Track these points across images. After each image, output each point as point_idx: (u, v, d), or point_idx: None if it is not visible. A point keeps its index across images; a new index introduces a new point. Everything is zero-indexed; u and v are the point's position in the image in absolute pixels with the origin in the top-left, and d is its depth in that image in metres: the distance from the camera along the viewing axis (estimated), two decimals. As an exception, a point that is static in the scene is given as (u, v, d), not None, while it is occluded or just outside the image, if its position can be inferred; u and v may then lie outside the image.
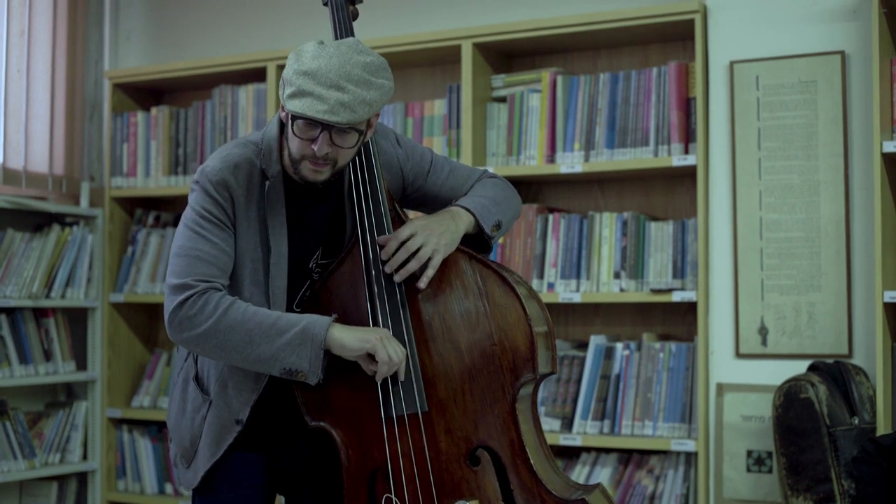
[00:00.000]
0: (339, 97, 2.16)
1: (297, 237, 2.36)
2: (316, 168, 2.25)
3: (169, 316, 2.27)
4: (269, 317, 2.24)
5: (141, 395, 4.68)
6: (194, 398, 2.41)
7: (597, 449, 3.84)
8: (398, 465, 2.27)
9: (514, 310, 2.27)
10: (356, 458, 2.30)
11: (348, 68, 2.18)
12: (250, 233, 2.32)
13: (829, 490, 3.20)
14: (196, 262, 2.26)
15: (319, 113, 2.16)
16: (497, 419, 2.25)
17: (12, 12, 4.53)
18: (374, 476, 2.30)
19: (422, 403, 2.28)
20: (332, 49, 2.20)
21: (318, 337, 2.20)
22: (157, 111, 4.65)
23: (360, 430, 2.30)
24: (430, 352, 2.29)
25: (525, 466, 2.24)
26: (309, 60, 2.18)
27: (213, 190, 2.29)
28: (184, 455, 2.44)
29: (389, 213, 2.37)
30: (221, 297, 2.25)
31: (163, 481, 4.59)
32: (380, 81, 2.22)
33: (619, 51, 4.02)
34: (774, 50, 3.54)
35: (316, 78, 2.16)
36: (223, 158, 2.33)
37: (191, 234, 2.29)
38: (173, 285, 2.26)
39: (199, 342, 2.25)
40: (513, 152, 3.94)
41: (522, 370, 2.25)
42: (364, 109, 2.19)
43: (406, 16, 4.42)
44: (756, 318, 3.52)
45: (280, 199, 2.33)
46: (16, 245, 4.36)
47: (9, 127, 4.52)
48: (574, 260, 3.84)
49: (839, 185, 3.44)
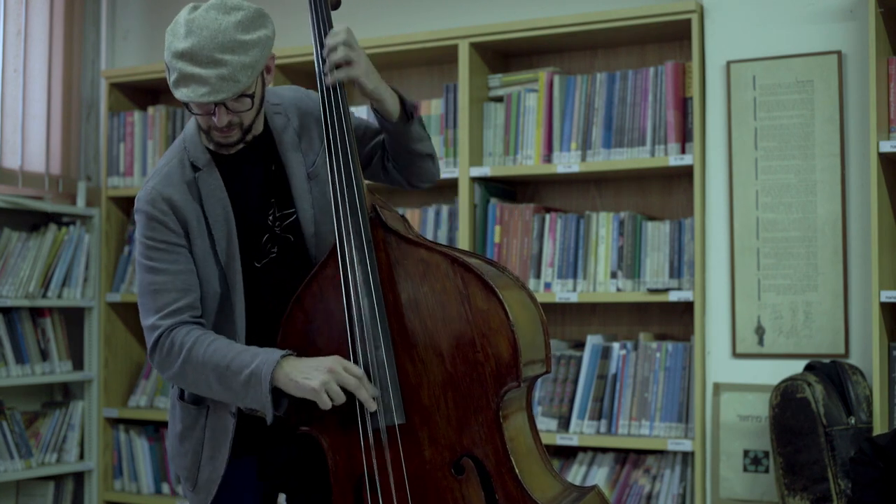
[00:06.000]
0: (219, 72, 2.18)
1: (244, 204, 2.38)
2: (224, 135, 2.30)
3: (150, 357, 2.35)
4: (224, 357, 2.25)
5: (138, 394, 4.68)
6: (185, 416, 2.43)
7: (593, 449, 3.84)
8: (384, 476, 2.24)
9: (497, 315, 2.18)
10: (343, 464, 2.28)
11: (220, 38, 2.19)
12: (201, 228, 2.35)
13: (825, 490, 3.20)
14: (154, 296, 2.32)
15: (204, 96, 2.19)
16: (481, 427, 2.19)
17: (9, 12, 4.53)
18: (360, 482, 2.27)
19: (399, 416, 2.23)
20: (201, 18, 2.20)
21: (265, 379, 2.20)
22: (154, 111, 4.65)
23: (345, 437, 2.27)
24: (412, 359, 2.24)
25: (510, 475, 2.18)
26: (182, 39, 2.20)
27: (152, 208, 2.32)
28: (188, 478, 2.44)
29: (368, 220, 2.31)
30: (186, 334, 2.28)
31: (159, 481, 4.59)
32: (256, 36, 2.23)
33: (616, 51, 4.02)
34: (771, 50, 3.54)
35: (192, 58, 2.18)
36: (153, 175, 2.38)
37: (143, 270, 2.34)
38: (145, 327, 2.34)
39: (179, 380, 2.34)
40: (510, 152, 3.94)
41: (506, 378, 2.17)
42: (247, 73, 2.20)
43: (403, 15, 4.42)
44: (753, 317, 3.52)
45: (217, 184, 2.36)
46: (12, 244, 4.36)
47: (6, 126, 4.51)
48: (571, 259, 3.84)
49: (836, 184, 3.44)
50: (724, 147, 3.58)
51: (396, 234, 2.29)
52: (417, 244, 2.27)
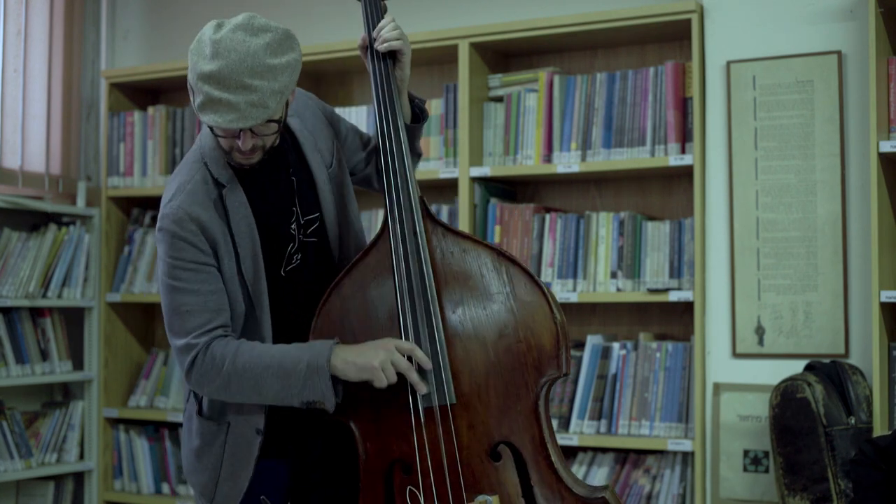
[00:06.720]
0: (248, 98, 2.12)
1: (268, 217, 2.35)
2: (247, 157, 2.26)
3: (186, 377, 2.31)
4: (274, 357, 2.24)
5: (138, 394, 4.68)
6: (204, 433, 2.41)
7: (593, 449, 3.84)
8: (424, 457, 2.27)
9: (541, 307, 2.27)
10: (374, 451, 2.31)
11: (249, 61, 2.12)
12: (228, 247, 2.31)
13: (825, 490, 3.20)
14: (187, 317, 2.28)
15: (232, 122, 2.13)
16: (520, 416, 2.26)
17: (9, 12, 4.53)
18: (391, 469, 2.30)
19: (450, 396, 2.26)
20: (228, 40, 2.13)
21: (322, 370, 2.21)
22: (154, 111, 4.65)
23: (380, 421, 2.31)
24: (455, 346, 2.29)
25: (546, 463, 2.25)
26: (208, 60, 2.13)
27: (180, 229, 2.26)
28: (204, 494, 2.43)
29: (420, 210, 2.34)
30: (224, 346, 2.26)
31: (159, 481, 4.58)
32: (285, 60, 2.17)
33: (616, 51, 4.02)
34: (771, 50, 3.54)
35: (220, 82, 2.11)
36: (176, 192, 2.31)
37: (171, 292, 2.29)
38: (178, 347, 2.29)
39: (221, 392, 2.30)
40: (510, 152, 3.94)
41: (547, 368, 2.25)
42: (276, 99, 2.15)
43: (403, 15, 4.40)
44: (753, 317, 3.52)
45: (242, 200, 2.32)
46: (12, 245, 4.36)
47: (6, 126, 4.51)
48: (571, 259, 3.84)
49: (836, 184, 3.44)
50: (724, 147, 3.58)
51: (443, 225, 2.35)
52: (463, 236, 2.35)
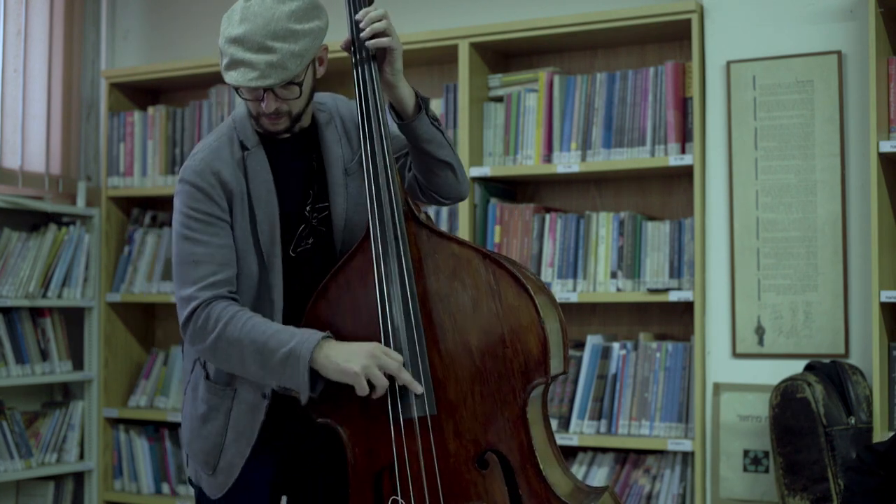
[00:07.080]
0: (268, 59, 2.22)
1: (286, 191, 2.40)
2: (273, 121, 2.34)
3: (182, 328, 2.34)
4: (263, 334, 2.25)
5: (138, 394, 4.68)
6: (211, 397, 2.41)
7: (593, 449, 3.84)
8: (405, 467, 2.24)
9: (528, 312, 2.21)
10: (363, 457, 2.28)
11: (272, 26, 2.23)
12: (244, 206, 2.36)
13: (825, 489, 3.20)
14: (193, 267, 2.31)
15: (252, 81, 2.23)
16: (507, 423, 2.21)
17: (9, 12, 4.53)
18: (380, 476, 2.27)
19: (430, 407, 2.24)
20: (257, 6, 2.25)
21: (303, 359, 2.21)
22: (154, 111, 4.65)
23: (367, 429, 2.28)
24: (440, 352, 2.25)
25: (534, 471, 2.20)
26: (236, 25, 2.25)
27: (200, 179, 2.33)
28: (206, 462, 2.42)
29: (403, 211, 2.32)
30: (223, 309, 2.28)
31: (159, 481, 4.58)
32: (309, 27, 2.26)
33: (616, 51, 4.02)
34: (771, 50, 3.54)
35: (244, 43, 2.23)
36: (202, 149, 2.40)
37: (182, 241, 2.34)
38: (181, 297, 2.33)
39: (208, 354, 2.33)
40: (509, 152, 3.94)
41: (534, 374, 2.20)
42: (296, 62, 2.24)
43: (403, 15, 4.42)
44: (753, 317, 3.52)
45: (264, 165, 2.38)
46: (12, 244, 4.36)
47: (6, 126, 4.51)
48: (571, 259, 3.84)
49: (836, 184, 3.44)
50: (724, 147, 3.58)
51: (428, 228, 2.30)
52: (449, 239, 2.30)
